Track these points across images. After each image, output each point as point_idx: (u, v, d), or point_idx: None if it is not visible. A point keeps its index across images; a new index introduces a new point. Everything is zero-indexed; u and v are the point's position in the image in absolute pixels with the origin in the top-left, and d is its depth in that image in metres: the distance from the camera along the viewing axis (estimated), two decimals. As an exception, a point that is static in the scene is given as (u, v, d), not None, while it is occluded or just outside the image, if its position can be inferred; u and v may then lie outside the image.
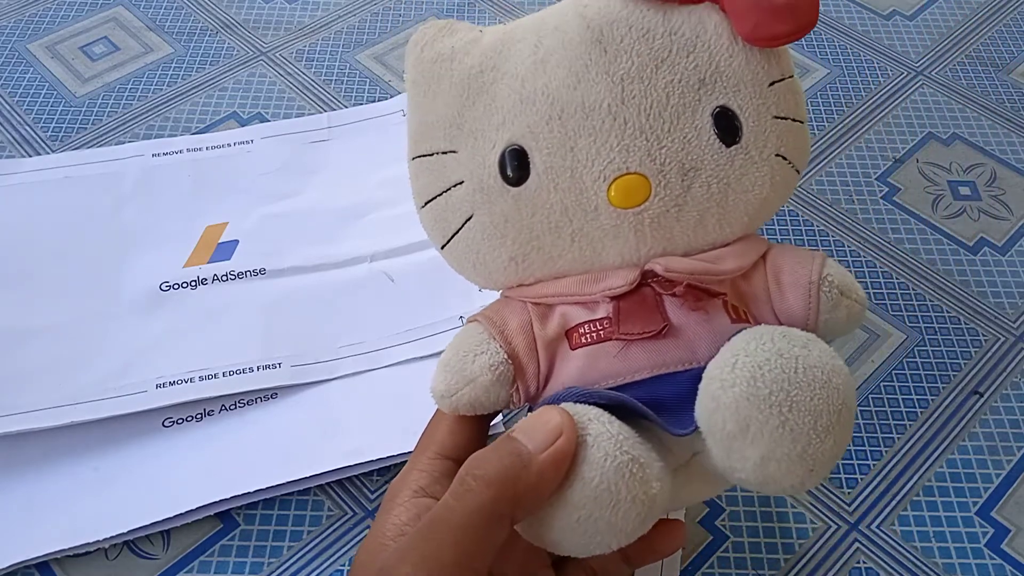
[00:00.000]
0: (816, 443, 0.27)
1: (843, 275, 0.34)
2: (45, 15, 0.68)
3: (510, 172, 0.32)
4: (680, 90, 0.32)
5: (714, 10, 0.33)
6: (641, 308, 0.31)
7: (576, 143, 0.32)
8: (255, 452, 0.45)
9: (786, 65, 0.34)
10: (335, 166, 0.58)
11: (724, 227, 0.33)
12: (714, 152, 0.32)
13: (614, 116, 0.32)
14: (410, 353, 0.49)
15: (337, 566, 0.42)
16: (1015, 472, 0.45)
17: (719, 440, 0.28)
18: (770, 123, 0.33)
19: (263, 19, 0.69)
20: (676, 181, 0.32)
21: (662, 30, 0.33)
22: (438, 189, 0.34)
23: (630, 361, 0.31)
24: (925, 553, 0.43)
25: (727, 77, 0.33)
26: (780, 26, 0.32)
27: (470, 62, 0.34)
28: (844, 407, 0.28)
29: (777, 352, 0.28)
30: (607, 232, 0.32)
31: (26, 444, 0.45)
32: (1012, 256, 0.55)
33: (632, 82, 0.32)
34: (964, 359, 0.50)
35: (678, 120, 0.32)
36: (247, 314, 0.50)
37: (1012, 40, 0.68)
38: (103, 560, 0.42)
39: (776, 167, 0.33)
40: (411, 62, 0.35)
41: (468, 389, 0.32)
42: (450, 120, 0.34)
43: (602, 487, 0.28)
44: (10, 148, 0.59)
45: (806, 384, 0.27)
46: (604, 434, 0.28)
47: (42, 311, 0.50)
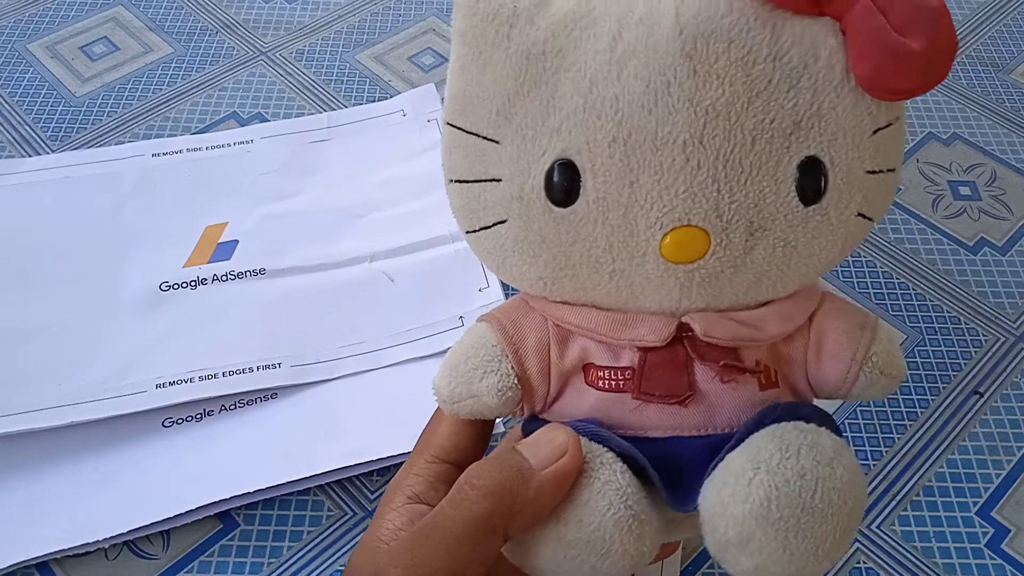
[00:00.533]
0: (812, 564, 0.27)
1: (888, 353, 0.31)
2: (45, 15, 0.68)
3: (557, 190, 0.28)
4: (770, 134, 0.27)
5: (832, 32, 0.27)
6: (668, 368, 0.29)
7: (638, 178, 0.27)
8: (255, 452, 0.45)
9: (897, 107, 0.28)
10: (335, 166, 0.58)
11: (778, 289, 0.30)
12: (789, 211, 0.28)
13: (687, 156, 0.27)
14: (410, 353, 0.49)
15: (337, 566, 0.42)
16: (1015, 472, 0.45)
17: (717, 540, 0.27)
18: (860, 179, 0.28)
19: (263, 19, 0.69)
20: (739, 241, 0.28)
21: (766, 53, 0.27)
22: (472, 175, 0.30)
23: (645, 418, 0.29)
24: (925, 553, 0.43)
25: (827, 121, 0.27)
26: (905, 79, 0.26)
27: (533, 36, 0.28)
28: (849, 528, 0.27)
29: (799, 473, 0.26)
30: (650, 281, 0.29)
31: (26, 444, 0.45)
32: (1012, 256, 0.55)
33: (717, 117, 0.27)
34: (964, 359, 0.50)
35: (759, 171, 0.27)
36: (247, 314, 0.50)
37: (1012, 40, 0.68)
38: (103, 560, 0.42)
39: (853, 228, 0.29)
40: (463, 10, 0.29)
41: (471, 402, 0.31)
42: (499, 105, 0.29)
43: (597, 535, 0.27)
44: (10, 148, 0.59)
45: (819, 511, 0.26)
46: (612, 483, 0.28)
47: (42, 311, 0.50)
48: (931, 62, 0.26)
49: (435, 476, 0.32)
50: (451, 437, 0.33)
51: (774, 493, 0.26)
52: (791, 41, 0.27)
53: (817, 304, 0.31)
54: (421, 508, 0.31)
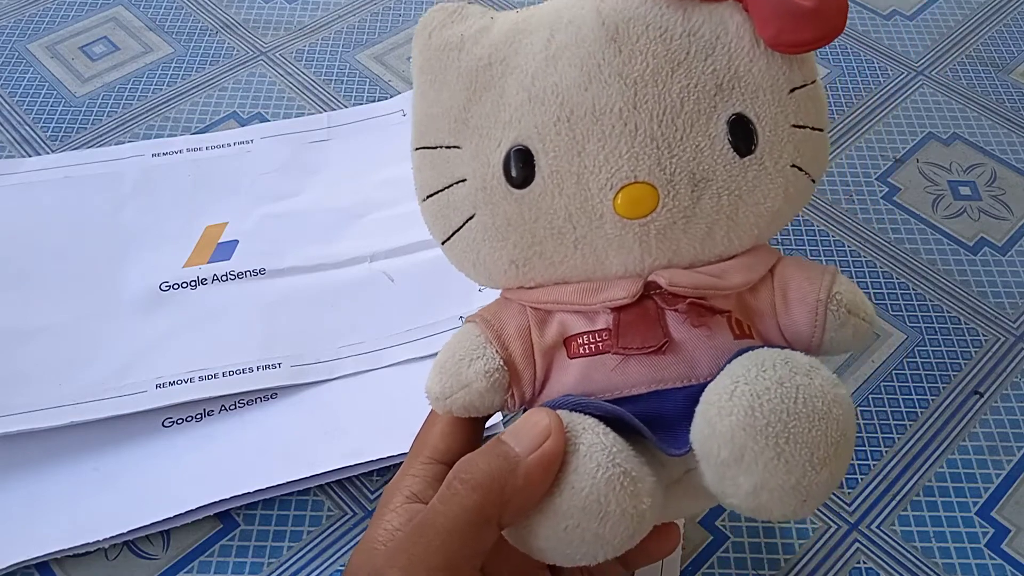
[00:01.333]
0: (811, 475, 0.27)
1: (852, 292, 0.33)
2: (45, 15, 0.68)
3: (514, 173, 0.31)
4: (695, 95, 0.31)
5: (737, 10, 0.31)
6: (642, 322, 0.31)
7: (584, 147, 0.30)
8: (255, 452, 0.45)
9: (809, 70, 0.32)
10: (335, 166, 0.58)
11: (733, 239, 0.32)
12: (727, 162, 0.31)
13: (625, 121, 0.30)
14: (410, 353, 0.49)
15: (337, 566, 0.42)
16: (1015, 472, 0.45)
17: (712, 466, 0.28)
18: (788, 132, 0.31)
19: (263, 19, 0.69)
20: (685, 192, 0.30)
21: (680, 30, 0.31)
22: (440, 184, 0.33)
23: (628, 375, 0.30)
24: (925, 553, 0.43)
25: (746, 83, 0.31)
26: (805, 32, 0.30)
27: (479, 53, 0.32)
28: (843, 439, 0.27)
29: (778, 381, 0.27)
30: (611, 241, 0.31)
31: (26, 444, 0.45)
32: (1012, 256, 0.55)
33: (646, 85, 0.30)
34: (964, 359, 0.50)
35: (691, 128, 0.30)
36: (247, 314, 0.50)
37: (1012, 40, 0.68)
38: (103, 560, 0.42)
39: (791, 178, 0.32)
40: (418, 47, 0.34)
41: (462, 393, 0.32)
42: (455, 114, 0.32)
43: (591, 498, 0.27)
44: (10, 148, 0.59)
45: (805, 415, 0.27)
46: (597, 445, 0.28)
47: (42, 311, 0.50)
48: (824, 16, 0.30)
49: (432, 476, 0.32)
50: (445, 438, 0.34)
51: (756, 401, 0.27)
52: (701, 20, 0.31)
53: (776, 259, 0.33)
54: (419, 507, 0.31)
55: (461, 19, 0.33)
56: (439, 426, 0.34)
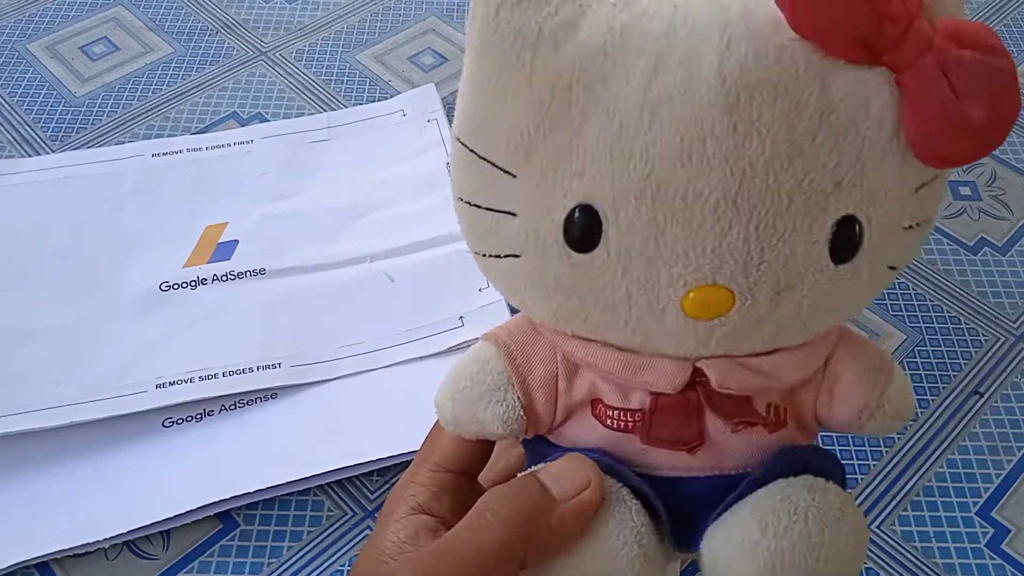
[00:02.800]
0: None
1: (902, 396, 0.30)
2: (45, 15, 0.68)
3: (577, 236, 0.26)
4: (807, 195, 0.25)
5: (887, 83, 0.25)
6: (679, 412, 0.29)
7: (664, 232, 0.25)
8: (255, 452, 0.45)
9: None
10: (335, 166, 0.58)
11: (797, 339, 0.28)
12: (820, 270, 0.26)
13: (718, 216, 0.25)
14: (410, 353, 0.49)
15: (337, 566, 0.42)
16: (1015, 472, 0.45)
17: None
18: (896, 236, 0.27)
19: (263, 19, 0.69)
20: (765, 300, 0.26)
21: (813, 108, 0.24)
22: (484, 202, 0.28)
23: (653, 458, 0.29)
24: (925, 553, 0.43)
25: (870, 181, 0.25)
26: (961, 150, 0.25)
27: (559, 66, 0.25)
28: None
29: (805, 537, 0.27)
30: (667, 332, 0.27)
31: (26, 444, 0.45)
32: (1012, 256, 0.55)
33: (755, 178, 0.25)
34: (964, 359, 0.50)
35: (792, 231, 0.25)
36: (247, 314, 0.50)
37: (1012, 40, 0.68)
38: (103, 560, 0.42)
39: (881, 281, 0.28)
40: (479, 25, 0.26)
41: (475, 427, 0.30)
42: (518, 137, 0.26)
43: (609, 571, 0.28)
44: (10, 148, 0.59)
45: (821, 573, 0.27)
46: (628, 523, 0.28)
47: (42, 311, 0.50)
48: (990, 132, 0.24)
49: (438, 486, 0.32)
50: (454, 446, 0.33)
51: (779, 558, 0.26)
52: (841, 95, 0.25)
53: (833, 346, 0.30)
54: (425, 519, 0.30)
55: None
56: (448, 434, 0.33)
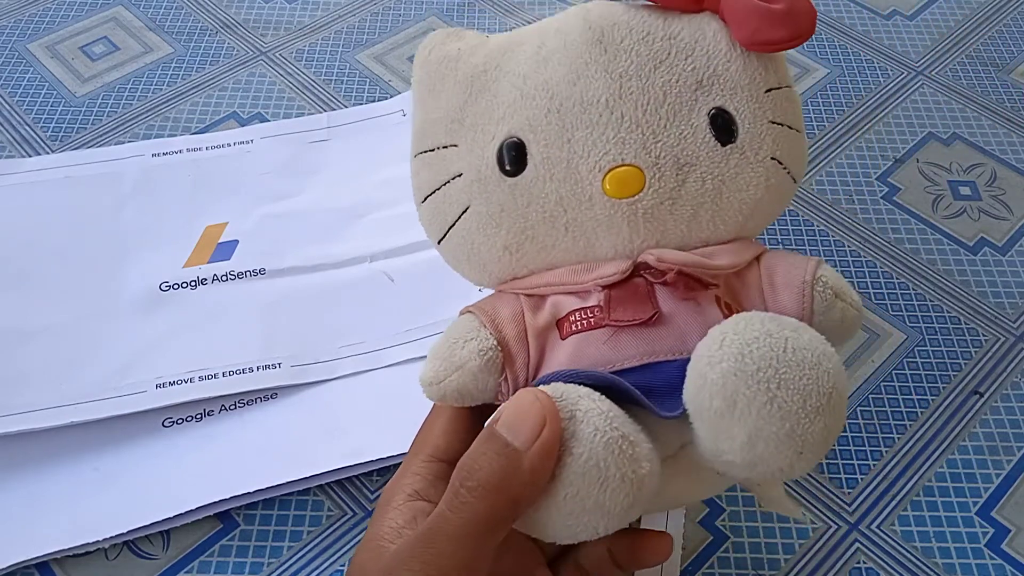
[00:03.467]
0: (805, 423, 0.27)
1: (837, 278, 0.34)
2: (45, 15, 0.68)
3: (508, 163, 0.33)
4: (677, 89, 0.33)
5: (713, 18, 0.34)
6: (632, 296, 0.32)
7: (573, 135, 0.33)
8: (255, 452, 0.45)
9: (783, 74, 0.35)
10: (335, 166, 0.58)
11: (718, 224, 0.33)
12: (709, 149, 0.33)
13: (611, 110, 0.32)
14: (410, 353, 0.49)
15: (337, 566, 0.42)
16: (1015, 472, 0.45)
17: (706, 419, 0.28)
18: (766, 127, 0.33)
19: (263, 19, 0.69)
20: (671, 174, 0.32)
21: (662, 34, 0.34)
22: (437, 183, 0.35)
23: (620, 348, 0.31)
24: (925, 553, 0.43)
25: (724, 81, 0.33)
26: (778, 32, 0.33)
27: (475, 61, 0.35)
28: (834, 391, 0.28)
29: (766, 332, 0.28)
30: (601, 222, 0.32)
31: (26, 444, 0.45)
32: (1012, 256, 0.55)
33: (630, 79, 0.33)
34: (964, 359, 0.50)
35: (674, 117, 0.33)
36: (247, 314, 0.50)
37: (1012, 40, 0.68)
38: (103, 560, 0.42)
39: (771, 170, 0.33)
40: (418, 63, 0.36)
41: (456, 376, 0.32)
42: (452, 116, 0.35)
43: (591, 463, 0.27)
44: (10, 148, 0.59)
45: (795, 364, 0.27)
46: (594, 410, 0.28)
47: (42, 311, 0.50)
48: (795, 17, 0.33)
49: (433, 474, 0.32)
50: (446, 435, 0.34)
51: (745, 348, 0.28)
52: (681, 26, 0.34)
53: (762, 250, 0.34)
54: (422, 505, 0.31)
55: (458, 38, 0.36)
56: (440, 423, 0.34)
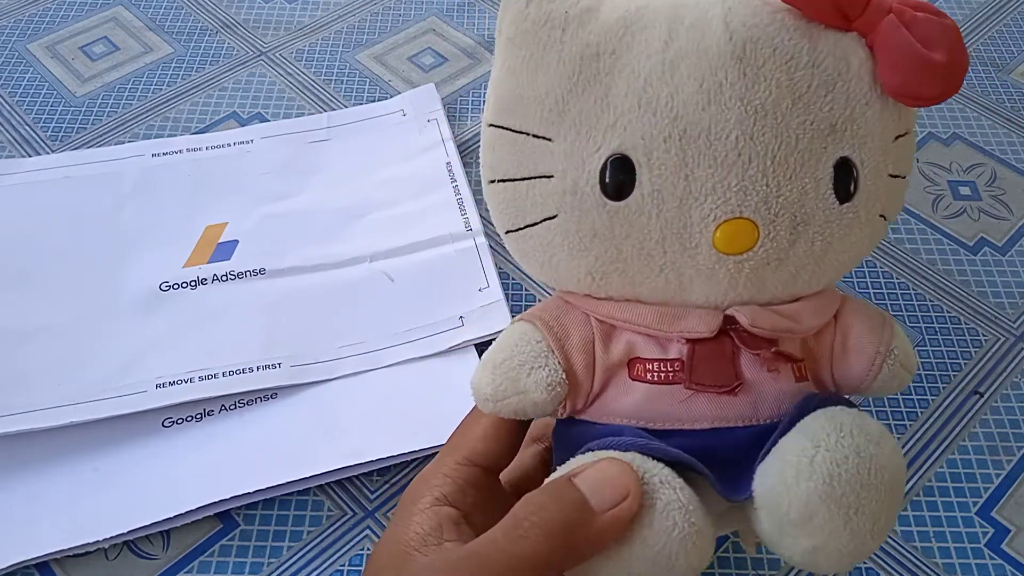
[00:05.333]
0: (869, 543, 0.28)
1: (906, 347, 0.33)
2: (45, 15, 0.68)
3: (612, 185, 0.29)
4: (811, 133, 0.29)
5: (860, 45, 0.30)
6: (717, 359, 0.30)
7: (693, 172, 0.29)
8: (255, 452, 0.45)
9: (911, 119, 0.31)
10: (335, 166, 0.58)
11: (813, 283, 0.31)
12: (827, 207, 0.30)
13: (739, 151, 0.28)
14: (410, 353, 0.49)
15: (337, 566, 0.42)
16: (1015, 472, 0.45)
17: (776, 521, 0.28)
18: (884, 182, 0.31)
19: (263, 19, 0.69)
20: (784, 234, 0.29)
21: (806, 59, 0.29)
22: (519, 173, 0.31)
23: (692, 410, 0.30)
24: (925, 553, 0.43)
25: (858, 127, 0.30)
26: (930, 88, 0.29)
27: (586, 39, 0.29)
28: (896, 506, 0.28)
29: (856, 450, 0.27)
30: (701, 272, 0.30)
31: (26, 444, 0.45)
32: (1012, 256, 0.55)
33: (766, 116, 0.29)
34: (964, 359, 0.50)
35: (802, 167, 0.29)
36: (247, 314, 0.50)
37: (1012, 40, 0.68)
38: (103, 560, 0.42)
39: (877, 227, 0.31)
40: (511, 16, 0.30)
41: (516, 399, 0.31)
42: (551, 103, 0.30)
43: (663, 555, 0.27)
44: (10, 148, 0.59)
45: (875, 487, 0.27)
46: (675, 503, 0.28)
47: (42, 311, 0.50)
48: (951, 72, 0.29)
49: (464, 480, 0.32)
50: (486, 440, 0.33)
51: (835, 470, 0.27)
52: (826, 52, 0.29)
53: (840, 302, 0.33)
54: (449, 511, 0.30)
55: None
56: (482, 427, 0.33)
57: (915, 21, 0.29)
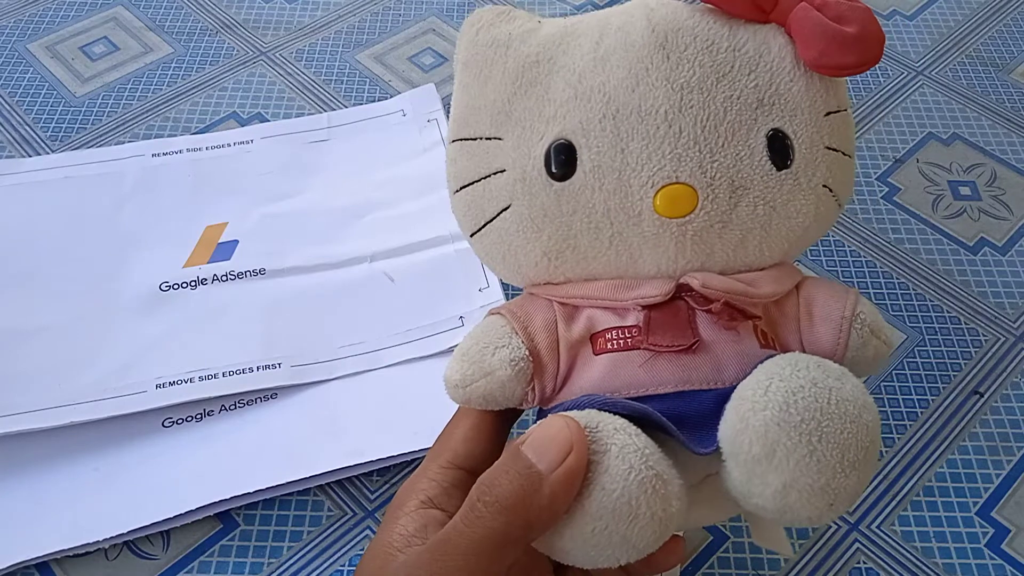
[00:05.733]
0: (840, 477, 0.27)
1: (875, 314, 0.33)
2: (45, 15, 0.68)
3: (556, 166, 0.32)
4: (738, 107, 0.31)
5: (779, 33, 0.33)
6: (673, 321, 0.31)
7: (628, 145, 0.31)
8: (255, 452, 0.45)
9: (842, 97, 0.33)
10: (335, 166, 0.58)
11: (764, 250, 0.32)
12: (764, 173, 0.31)
13: (670, 123, 0.31)
14: (410, 353, 0.49)
15: (337, 566, 0.42)
16: (1015, 472, 0.45)
17: (742, 462, 0.28)
18: (821, 152, 0.32)
19: (263, 19, 0.69)
20: (724, 197, 0.31)
21: (726, 44, 0.32)
22: (476, 175, 0.33)
23: (655, 373, 0.30)
24: (925, 553, 0.43)
25: (785, 101, 0.32)
26: (847, 57, 0.31)
27: (526, 51, 0.33)
28: (872, 445, 0.28)
29: (812, 381, 0.28)
30: (647, 239, 0.31)
31: (26, 444, 0.45)
32: (1012, 256, 0.55)
33: (692, 92, 0.31)
34: (964, 359, 0.50)
35: (733, 136, 0.31)
36: (247, 314, 0.50)
37: (1012, 40, 0.68)
38: (103, 560, 0.42)
39: (822, 197, 0.32)
40: (465, 43, 0.34)
41: (484, 382, 0.32)
42: (499, 107, 0.33)
43: (622, 500, 0.27)
44: (10, 148, 0.59)
45: (838, 416, 0.27)
46: (630, 446, 0.28)
47: (42, 311, 0.50)
48: (865, 43, 0.31)
49: (449, 482, 0.32)
50: (467, 443, 0.33)
51: (791, 398, 0.27)
52: (746, 38, 0.32)
53: (801, 277, 0.34)
54: (434, 513, 0.31)
55: (509, 20, 0.34)
56: (461, 429, 0.33)
57: (826, 4, 0.32)
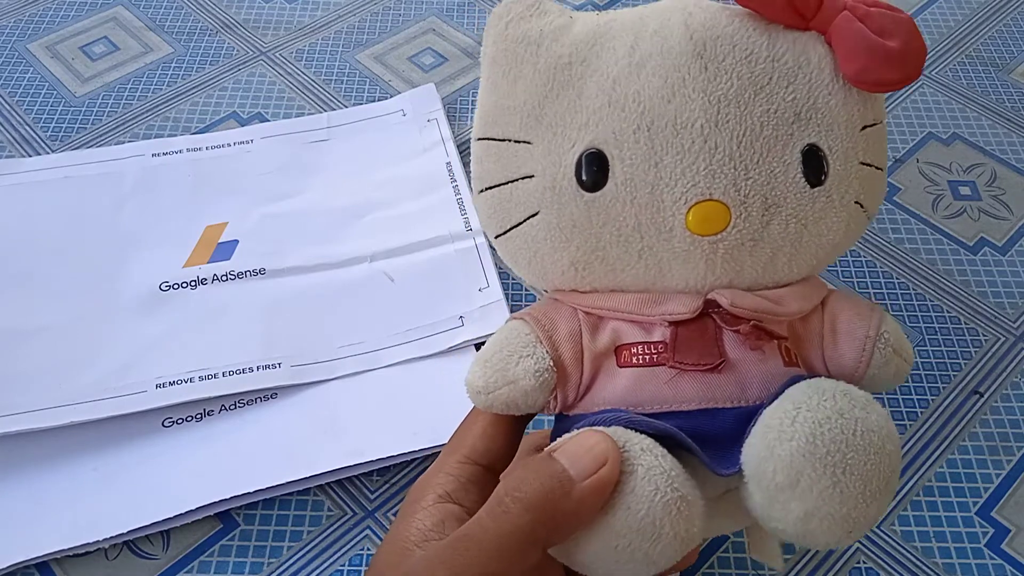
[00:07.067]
0: (862, 507, 0.27)
1: (897, 333, 0.33)
2: (45, 15, 0.68)
3: (587, 176, 0.31)
4: (775, 121, 0.31)
5: (819, 42, 0.32)
6: (700, 339, 0.31)
7: (662, 159, 0.30)
8: (255, 452, 0.45)
9: (879, 110, 0.33)
10: (335, 166, 0.58)
11: (793, 268, 0.32)
12: (798, 191, 0.31)
13: (705, 138, 0.30)
14: (410, 353, 0.49)
15: (337, 566, 0.42)
16: (1015, 472, 0.45)
17: (764, 488, 0.28)
18: (855, 168, 0.32)
19: (263, 19, 0.69)
20: (756, 215, 0.30)
21: (765, 54, 0.31)
22: (503, 178, 0.33)
23: (680, 390, 0.30)
24: (925, 553, 0.43)
25: (823, 115, 0.31)
26: (889, 73, 0.31)
27: (559, 51, 0.32)
28: (893, 474, 0.28)
29: (839, 411, 0.27)
30: (677, 255, 0.31)
31: (26, 444, 0.45)
32: (1012, 256, 0.55)
33: (728, 105, 0.30)
34: (964, 359, 0.50)
35: (768, 152, 0.31)
36: (247, 314, 0.50)
37: (1012, 40, 0.68)
38: (103, 560, 0.42)
39: (853, 214, 0.32)
40: (492, 37, 0.33)
41: (507, 390, 0.31)
42: (529, 109, 0.32)
43: (647, 520, 0.27)
44: (10, 148, 0.59)
45: (863, 448, 0.27)
46: (656, 468, 0.28)
47: (42, 311, 0.50)
48: (908, 59, 0.31)
49: (467, 477, 0.32)
50: (484, 439, 0.33)
51: (818, 429, 0.27)
52: (785, 47, 0.31)
53: (827, 292, 0.33)
54: (452, 508, 0.30)
55: (540, 14, 0.33)
56: (480, 425, 0.33)
57: (869, 15, 0.31)
